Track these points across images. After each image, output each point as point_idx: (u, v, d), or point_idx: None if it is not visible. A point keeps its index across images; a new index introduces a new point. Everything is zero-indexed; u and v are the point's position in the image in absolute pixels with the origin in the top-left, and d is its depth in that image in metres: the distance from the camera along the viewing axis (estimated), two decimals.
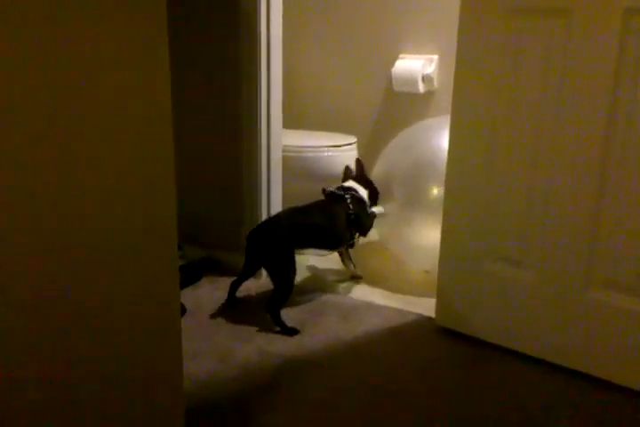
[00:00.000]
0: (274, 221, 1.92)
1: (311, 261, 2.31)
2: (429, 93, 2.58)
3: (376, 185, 2.13)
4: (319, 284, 2.14)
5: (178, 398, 1.17)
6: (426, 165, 2.02)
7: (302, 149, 2.42)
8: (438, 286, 1.81)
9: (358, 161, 2.20)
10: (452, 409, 1.44)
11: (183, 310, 1.82)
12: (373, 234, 2.21)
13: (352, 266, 2.15)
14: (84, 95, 0.89)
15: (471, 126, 1.66)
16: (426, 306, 1.91)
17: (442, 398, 1.49)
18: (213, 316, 1.87)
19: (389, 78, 2.61)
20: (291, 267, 1.83)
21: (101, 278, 0.97)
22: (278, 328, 1.78)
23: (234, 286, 1.95)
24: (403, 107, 2.64)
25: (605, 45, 1.40)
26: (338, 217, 2.00)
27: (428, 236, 2.00)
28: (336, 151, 2.46)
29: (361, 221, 2.05)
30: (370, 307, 1.96)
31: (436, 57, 2.53)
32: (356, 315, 1.90)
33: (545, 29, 1.48)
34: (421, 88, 2.53)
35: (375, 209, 2.13)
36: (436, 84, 2.54)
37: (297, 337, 1.74)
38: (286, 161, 2.21)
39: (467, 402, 1.47)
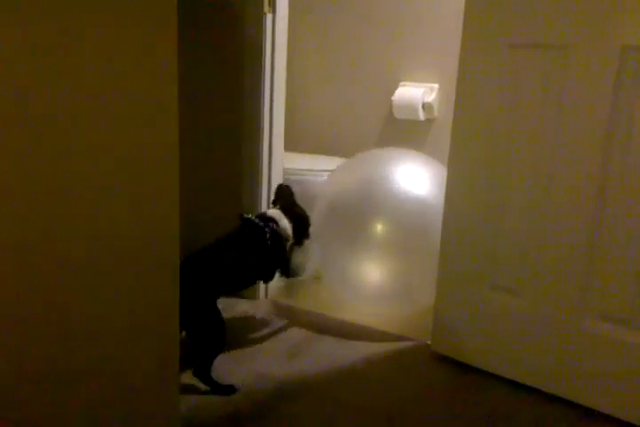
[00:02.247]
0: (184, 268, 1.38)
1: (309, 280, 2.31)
2: (429, 121, 2.62)
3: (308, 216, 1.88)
4: (316, 306, 2.14)
5: (173, 419, 1.17)
6: (373, 201, 1.90)
7: (302, 172, 2.45)
8: (434, 313, 1.82)
9: (286, 187, 1.90)
10: None
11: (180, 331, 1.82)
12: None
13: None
14: (93, 102, 0.91)
15: (469, 156, 1.68)
16: (422, 332, 1.92)
17: (434, 425, 1.48)
18: None
19: (390, 105, 2.65)
20: (211, 321, 1.56)
21: (99, 287, 0.97)
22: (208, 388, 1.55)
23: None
24: (403, 134, 2.68)
25: (602, 81, 1.43)
26: (253, 253, 1.72)
27: (369, 274, 1.92)
28: None
29: (281, 259, 1.79)
30: (366, 332, 1.96)
31: (436, 86, 2.57)
32: (351, 339, 1.90)
33: (543, 64, 1.52)
34: (422, 116, 2.57)
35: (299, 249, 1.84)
36: (436, 112, 2.58)
37: (292, 360, 1.74)
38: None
39: None
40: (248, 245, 1.71)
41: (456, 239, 1.73)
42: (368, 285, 1.95)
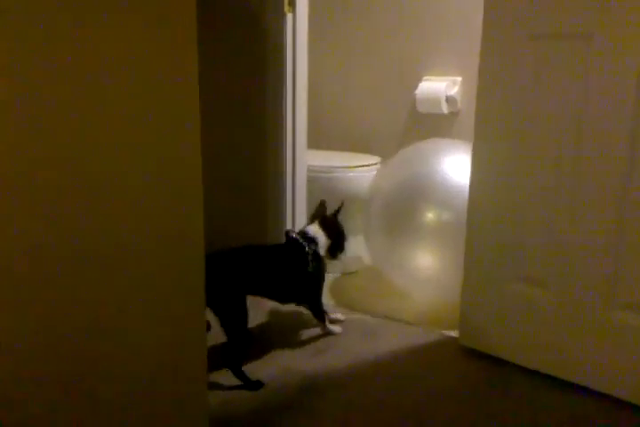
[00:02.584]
0: (222, 261, 1.64)
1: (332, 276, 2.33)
2: (453, 114, 2.60)
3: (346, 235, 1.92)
4: (342, 302, 2.15)
5: (202, 412, 1.19)
6: (415, 189, 1.99)
7: (326, 169, 2.46)
8: (461, 306, 1.81)
9: (340, 206, 1.95)
10: None
11: (208, 327, 1.85)
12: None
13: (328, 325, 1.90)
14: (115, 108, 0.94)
15: (493, 148, 1.68)
16: (450, 325, 1.92)
17: (463, 420, 1.48)
18: None
19: (413, 99, 2.64)
20: (239, 314, 1.63)
21: (125, 288, 1.00)
22: (240, 382, 1.59)
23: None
24: (426, 128, 2.67)
25: (626, 70, 1.41)
26: (294, 270, 1.78)
27: (420, 261, 1.99)
28: (360, 172, 2.49)
29: (313, 283, 1.83)
30: (392, 326, 1.97)
31: (459, 79, 2.56)
32: (378, 334, 1.91)
33: (566, 53, 1.50)
34: (445, 109, 2.56)
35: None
36: (459, 105, 2.57)
37: (319, 355, 1.75)
38: (311, 182, 2.25)
39: (489, 424, 1.47)
40: (289, 260, 1.79)
41: (481, 231, 1.73)
42: (423, 273, 2.00)
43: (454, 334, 1.86)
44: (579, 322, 1.57)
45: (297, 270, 1.79)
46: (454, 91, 2.55)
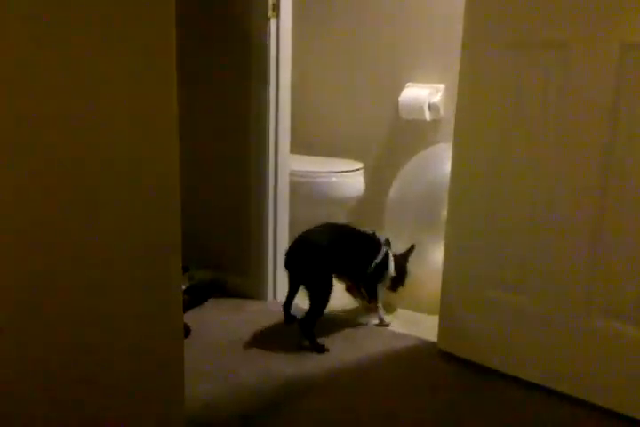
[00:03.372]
0: (314, 239, 1.92)
1: None
2: (436, 122, 2.63)
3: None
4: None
5: (178, 417, 1.19)
6: (439, 189, 2.06)
7: (309, 174, 2.47)
8: (441, 311, 1.83)
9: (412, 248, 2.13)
10: None
11: (188, 331, 1.85)
12: None
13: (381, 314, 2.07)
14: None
15: (472, 155, 1.70)
16: (429, 331, 1.93)
17: (441, 424, 1.49)
18: (217, 337, 1.89)
19: (396, 106, 2.66)
20: (328, 287, 1.87)
21: (100, 291, 0.99)
22: (307, 343, 1.82)
23: (286, 307, 1.97)
24: (409, 134, 2.69)
25: (603, 79, 1.44)
26: (370, 253, 2.01)
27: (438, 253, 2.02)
28: (342, 177, 2.51)
29: (382, 272, 2.04)
30: (373, 330, 1.98)
31: (442, 86, 2.58)
32: (359, 339, 1.92)
33: (544, 61, 1.53)
34: (428, 116, 2.58)
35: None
36: (442, 112, 2.59)
37: (300, 359, 1.76)
38: (293, 186, 2.26)
39: None
40: (369, 250, 2.02)
41: (461, 238, 1.74)
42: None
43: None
44: (557, 329, 1.59)
45: (370, 254, 2.01)
46: (437, 98, 2.57)
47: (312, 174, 2.48)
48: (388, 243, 2.08)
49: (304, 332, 1.84)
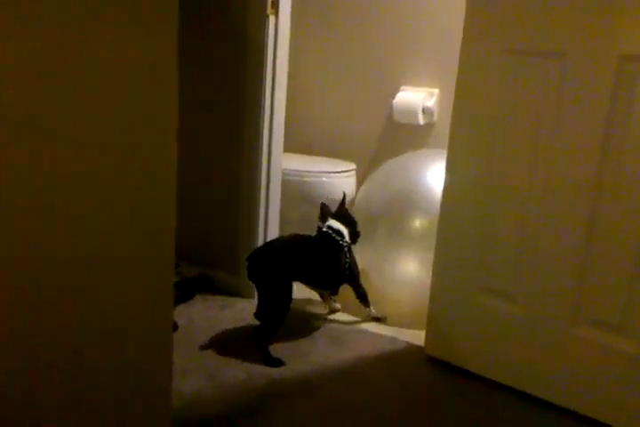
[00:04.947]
0: (272, 247, 1.89)
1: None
2: (429, 125, 2.63)
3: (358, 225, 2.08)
4: (312, 308, 2.15)
5: (164, 412, 1.18)
6: (404, 199, 2.07)
7: (301, 173, 2.47)
8: (428, 316, 1.83)
9: (343, 197, 2.10)
10: None
11: (175, 327, 1.84)
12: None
13: (333, 302, 2.12)
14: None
15: (467, 161, 1.70)
16: (416, 335, 1.93)
17: (424, 426, 1.50)
18: (203, 334, 1.88)
19: (391, 109, 2.67)
20: (286, 297, 1.79)
21: (93, 284, 0.98)
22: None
23: (258, 316, 1.88)
24: (403, 137, 2.70)
25: (599, 90, 1.45)
26: (333, 260, 1.96)
27: (406, 268, 2.07)
28: (335, 177, 2.51)
29: (353, 271, 2.02)
30: (360, 333, 1.98)
31: (436, 90, 2.59)
32: (346, 341, 1.92)
33: (541, 70, 1.54)
34: (421, 120, 2.59)
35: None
36: (436, 116, 2.60)
37: (286, 360, 1.75)
38: (284, 185, 2.25)
39: None
40: (326, 252, 1.97)
41: (450, 244, 1.75)
42: (408, 278, 2.08)
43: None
44: (542, 336, 1.60)
45: (334, 261, 1.96)
46: (431, 102, 2.58)
47: (303, 174, 2.47)
48: (340, 234, 1.99)
49: (257, 343, 1.75)
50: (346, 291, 2.09)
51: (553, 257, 1.56)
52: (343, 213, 2.06)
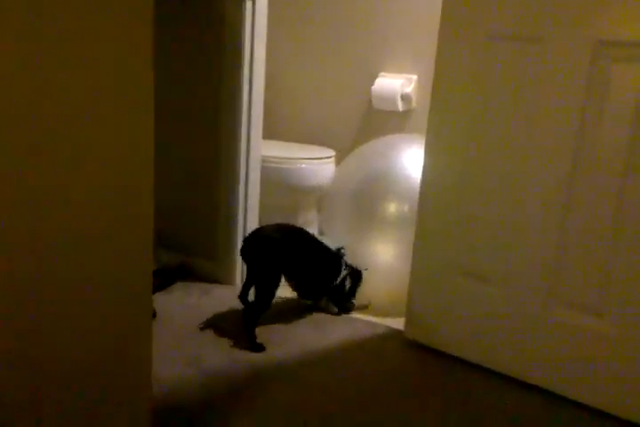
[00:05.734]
0: (269, 233, 1.87)
1: None
2: (408, 112, 2.64)
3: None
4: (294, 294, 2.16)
5: (144, 400, 1.18)
6: (375, 182, 2.08)
7: (280, 160, 2.45)
8: (408, 299, 1.85)
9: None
10: (415, 420, 1.48)
11: (153, 314, 1.83)
12: None
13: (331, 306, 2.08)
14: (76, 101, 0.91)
15: (445, 146, 1.71)
16: (397, 321, 1.95)
17: (405, 409, 1.52)
18: (184, 321, 1.88)
19: (369, 95, 2.66)
20: (275, 280, 1.82)
21: (69, 270, 0.97)
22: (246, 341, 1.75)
23: (243, 297, 1.87)
24: (381, 124, 2.70)
25: (575, 74, 1.47)
26: (332, 269, 1.98)
27: (380, 253, 2.07)
28: (314, 164, 2.50)
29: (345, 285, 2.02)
30: (341, 318, 1.99)
31: (415, 77, 2.59)
32: (327, 326, 1.93)
33: (519, 56, 1.55)
34: (400, 106, 2.59)
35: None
36: (414, 103, 2.60)
37: (268, 347, 1.75)
38: (263, 171, 2.24)
39: (430, 414, 1.50)
40: (329, 260, 1.99)
41: (430, 227, 1.76)
42: (383, 263, 2.08)
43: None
44: (521, 318, 1.63)
45: (332, 270, 1.98)
46: (410, 88, 2.58)
47: (281, 160, 2.46)
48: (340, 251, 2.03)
49: (245, 325, 1.78)
50: None
51: (530, 240, 1.58)
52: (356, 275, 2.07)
